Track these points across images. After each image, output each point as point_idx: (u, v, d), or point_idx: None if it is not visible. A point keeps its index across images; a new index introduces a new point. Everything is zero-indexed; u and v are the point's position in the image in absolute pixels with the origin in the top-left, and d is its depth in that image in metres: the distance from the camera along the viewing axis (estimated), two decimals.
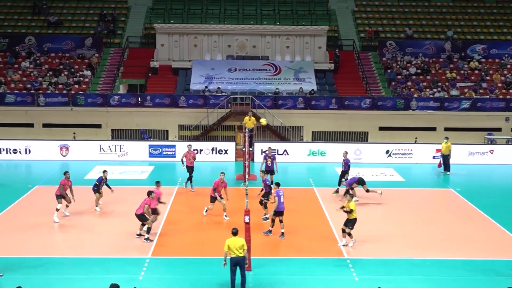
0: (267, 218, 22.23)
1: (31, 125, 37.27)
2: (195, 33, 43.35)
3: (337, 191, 26.65)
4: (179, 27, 43.48)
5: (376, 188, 25.86)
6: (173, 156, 33.34)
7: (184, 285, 17.04)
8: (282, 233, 20.65)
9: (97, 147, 33.92)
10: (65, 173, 23.25)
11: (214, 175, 28.54)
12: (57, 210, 22.48)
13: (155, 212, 21.32)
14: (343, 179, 26.45)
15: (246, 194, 18.85)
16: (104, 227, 21.62)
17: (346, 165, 26.62)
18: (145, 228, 20.26)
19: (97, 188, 23.78)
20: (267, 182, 22.72)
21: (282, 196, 20.58)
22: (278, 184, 21.26)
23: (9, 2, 47.21)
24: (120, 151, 33.92)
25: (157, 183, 22.18)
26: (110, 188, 23.93)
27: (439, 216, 23.77)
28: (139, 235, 20.47)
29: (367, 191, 25.17)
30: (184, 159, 27.36)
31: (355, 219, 19.75)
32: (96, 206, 23.81)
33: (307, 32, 43.51)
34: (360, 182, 25.10)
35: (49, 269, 17.83)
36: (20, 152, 33.59)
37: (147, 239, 20.12)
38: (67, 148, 33.80)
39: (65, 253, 19.20)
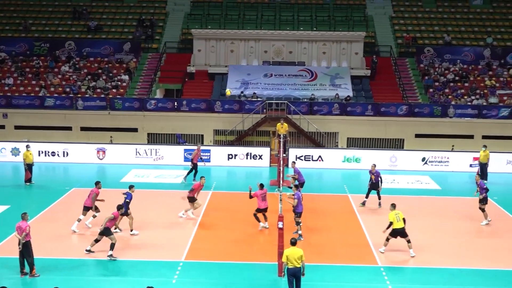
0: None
1: (69, 128, 37.91)
2: (232, 38, 43.54)
3: (363, 204, 25.91)
4: (216, 32, 43.75)
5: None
6: (208, 160, 33.49)
7: None
8: (300, 234, 20.96)
9: (133, 151, 34.31)
10: (97, 183, 22.48)
11: (248, 180, 28.74)
12: (79, 220, 21.81)
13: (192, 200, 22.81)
14: (373, 190, 25.76)
15: (280, 200, 18.84)
16: (138, 230, 21.79)
17: (378, 177, 25.72)
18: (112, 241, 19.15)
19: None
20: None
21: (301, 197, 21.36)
22: (296, 186, 22.05)
23: (50, 8, 48.19)
24: (156, 155, 34.24)
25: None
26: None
27: (475, 226, 23.38)
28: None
29: None
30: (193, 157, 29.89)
31: (399, 229, 19.40)
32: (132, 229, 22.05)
33: (344, 38, 43.30)
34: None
35: (84, 271, 18.11)
36: (58, 154, 34.22)
37: (111, 255, 19.06)
38: (104, 152, 34.28)
39: (101, 255, 19.41)
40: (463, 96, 39.77)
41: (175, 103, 38.37)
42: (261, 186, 21.95)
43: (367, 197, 25.92)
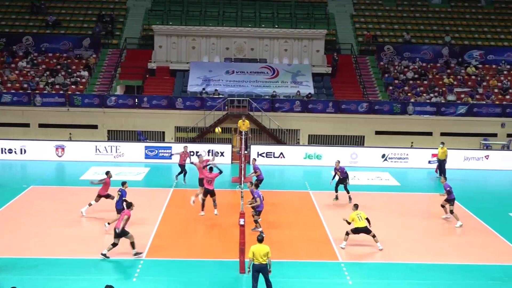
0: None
1: (27, 125, 37.21)
2: (193, 35, 43.30)
3: (336, 198, 26.18)
4: (178, 29, 43.43)
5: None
6: (169, 158, 33.28)
7: (177, 287, 17.00)
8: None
9: (93, 148, 33.88)
10: (107, 172, 23.21)
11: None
12: (90, 205, 22.77)
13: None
14: (341, 184, 26.07)
15: (242, 197, 18.84)
16: (99, 229, 21.54)
17: (343, 172, 26.05)
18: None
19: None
20: None
21: (262, 195, 21.48)
22: (257, 185, 22.14)
23: (7, 2, 47.13)
24: (116, 152, 33.88)
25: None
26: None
27: (434, 221, 23.78)
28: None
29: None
30: (178, 157, 28.84)
31: (360, 228, 19.84)
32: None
33: (305, 36, 43.50)
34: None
35: (43, 270, 17.78)
36: (15, 152, 33.54)
37: (136, 253, 18.99)
38: (63, 149, 33.76)
39: (59, 254, 19.12)
40: (422, 93, 40.40)
41: (136, 99, 38.02)
42: (210, 169, 23.33)
43: (336, 191, 26.16)
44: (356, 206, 20.37)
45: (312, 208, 25.13)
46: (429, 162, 33.96)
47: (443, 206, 23.85)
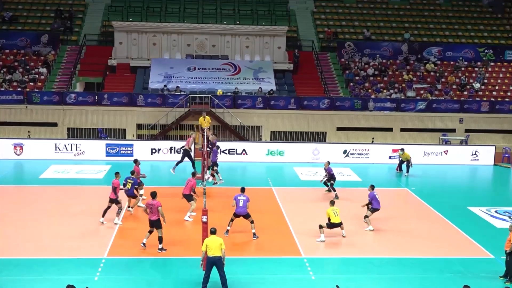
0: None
1: None
2: (154, 31, 42.95)
3: (337, 196, 26.09)
4: (138, 25, 43.00)
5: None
6: (131, 155, 32.97)
7: (140, 285, 16.84)
8: (254, 233, 20.71)
9: (53, 146, 33.35)
10: (116, 173, 22.58)
11: (172, 175, 28.44)
12: (118, 214, 21.92)
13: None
14: (329, 183, 26.78)
15: (204, 194, 18.76)
16: (59, 227, 21.21)
17: (329, 174, 26.77)
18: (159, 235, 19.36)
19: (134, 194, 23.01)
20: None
21: (241, 200, 20.69)
22: (242, 189, 21.16)
23: None
24: (77, 150, 33.42)
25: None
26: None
27: (395, 216, 24.08)
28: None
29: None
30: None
31: (336, 223, 20.52)
32: (129, 207, 23.32)
33: (266, 32, 43.56)
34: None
35: (2, 271, 17.40)
36: None
37: (161, 249, 19.33)
38: (21, 147, 33.13)
39: (19, 254, 18.76)
40: (382, 90, 40.87)
41: (96, 96, 37.55)
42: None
43: (334, 190, 26.57)
44: (332, 203, 20.94)
45: (275, 204, 25.20)
46: (390, 157, 34.40)
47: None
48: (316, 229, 20.38)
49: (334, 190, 26.53)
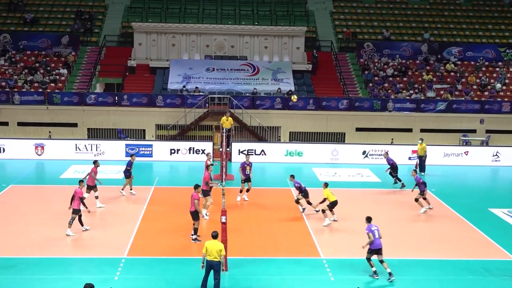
0: (304, 209, 23.73)
1: (5, 124, 36.74)
2: (173, 32, 43.13)
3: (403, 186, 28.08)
4: (157, 26, 43.22)
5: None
6: (150, 155, 33.15)
7: (159, 285, 16.93)
8: (389, 273, 17.65)
9: (73, 146, 33.63)
10: (95, 161, 24.85)
11: (191, 175, 28.54)
12: (97, 197, 24.06)
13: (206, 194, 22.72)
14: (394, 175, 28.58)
15: (223, 194, 18.81)
16: (79, 227, 21.36)
17: (389, 163, 28.56)
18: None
19: (129, 174, 25.85)
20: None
21: (376, 231, 17.95)
22: (368, 219, 18.34)
23: None
24: (96, 150, 33.65)
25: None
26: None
27: (414, 217, 23.96)
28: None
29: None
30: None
31: (335, 201, 22.18)
32: (123, 189, 26.05)
33: (285, 33, 43.53)
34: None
35: (23, 270, 17.60)
36: None
37: (195, 239, 20.21)
38: (42, 147, 33.46)
39: (40, 253, 18.95)
40: (402, 90, 40.64)
41: (116, 97, 37.78)
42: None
43: (400, 180, 28.63)
44: (326, 185, 22.47)
45: (294, 206, 25.13)
46: (409, 158, 34.18)
47: (417, 200, 24.28)
48: (334, 231, 20.28)
49: (400, 180, 28.20)
